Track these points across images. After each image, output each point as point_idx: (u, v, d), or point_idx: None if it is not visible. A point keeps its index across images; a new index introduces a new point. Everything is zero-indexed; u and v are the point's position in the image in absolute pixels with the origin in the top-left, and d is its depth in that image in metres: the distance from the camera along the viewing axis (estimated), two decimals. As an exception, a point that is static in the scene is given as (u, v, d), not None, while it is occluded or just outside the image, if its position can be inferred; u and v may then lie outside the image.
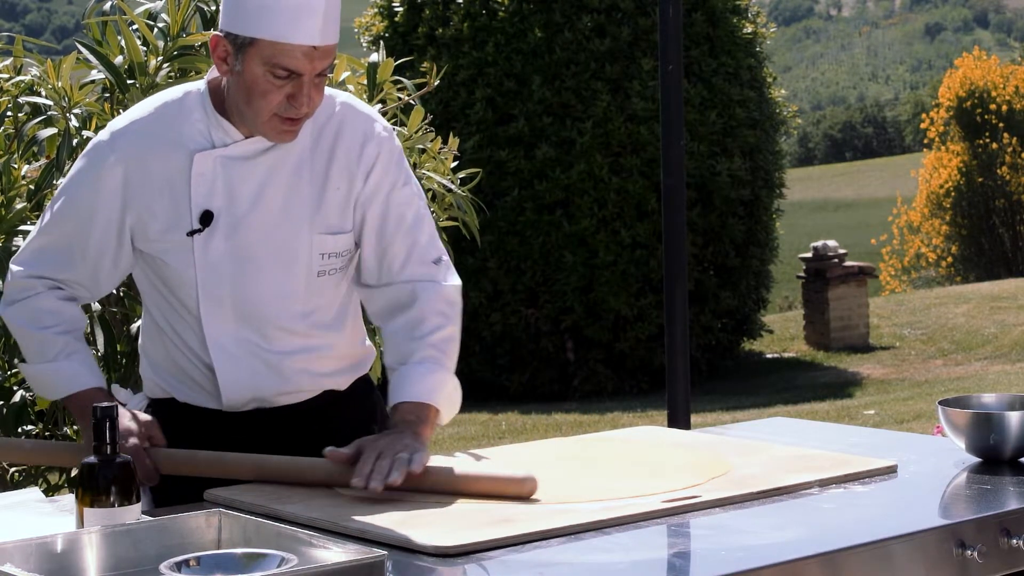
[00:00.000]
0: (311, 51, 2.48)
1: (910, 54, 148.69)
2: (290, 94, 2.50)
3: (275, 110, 2.51)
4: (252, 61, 2.49)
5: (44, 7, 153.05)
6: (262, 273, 2.63)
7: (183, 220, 2.61)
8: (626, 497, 2.36)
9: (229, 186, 2.60)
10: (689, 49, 12.46)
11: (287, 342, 2.68)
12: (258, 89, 2.50)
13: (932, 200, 20.84)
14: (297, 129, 2.56)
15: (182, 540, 2.08)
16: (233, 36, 2.51)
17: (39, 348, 2.67)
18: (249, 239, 2.62)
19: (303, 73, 2.49)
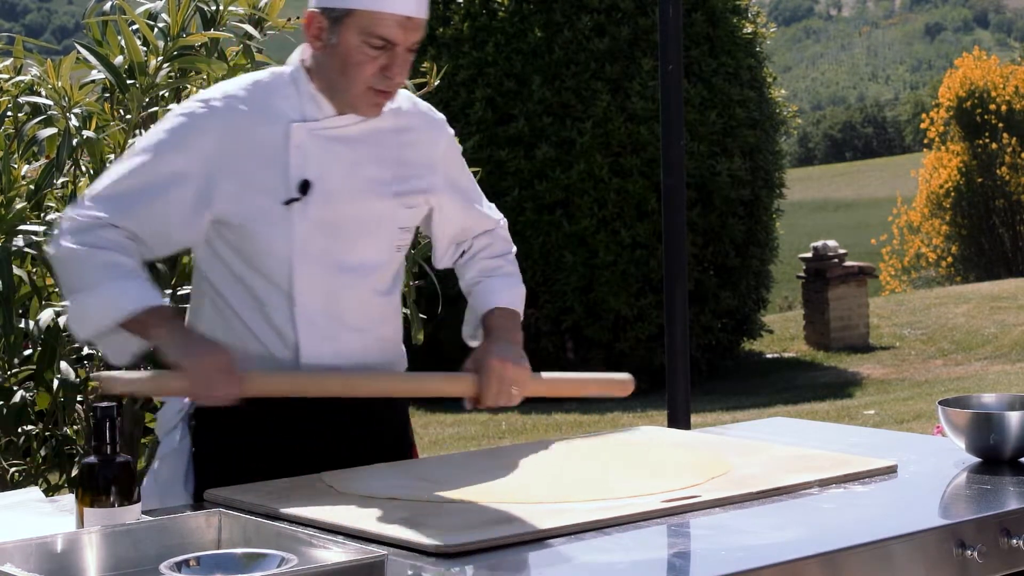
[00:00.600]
0: (405, 21, 2.59)
1: (910, 54, 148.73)
2: (384, 65, 2.60)
3: (369, 81, 2.61)
4: (348, 32, 2.58)
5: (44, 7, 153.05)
6: (352, 244, 2.72)
7: (278, 189, 2.65)
8: (626, 497, 2.36)
9: (323, 159, 2.68)
10: (689, 49, 12.47)
11: (365, 316, 2.76)
12: (353, 60, 2.59)
13: (932, 200, 20.86)
14: (384, 103, 2.67)
15: (182, 540, 2.08)
16: (329, 10, 2.60)
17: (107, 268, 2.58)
18: (341, 211, 2.69)
19: (397, 43, 2.59)
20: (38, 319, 3.39)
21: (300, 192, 2.65)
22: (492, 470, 2.60)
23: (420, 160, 2.80)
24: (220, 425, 2.72)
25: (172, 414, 2.78)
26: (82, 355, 3.59)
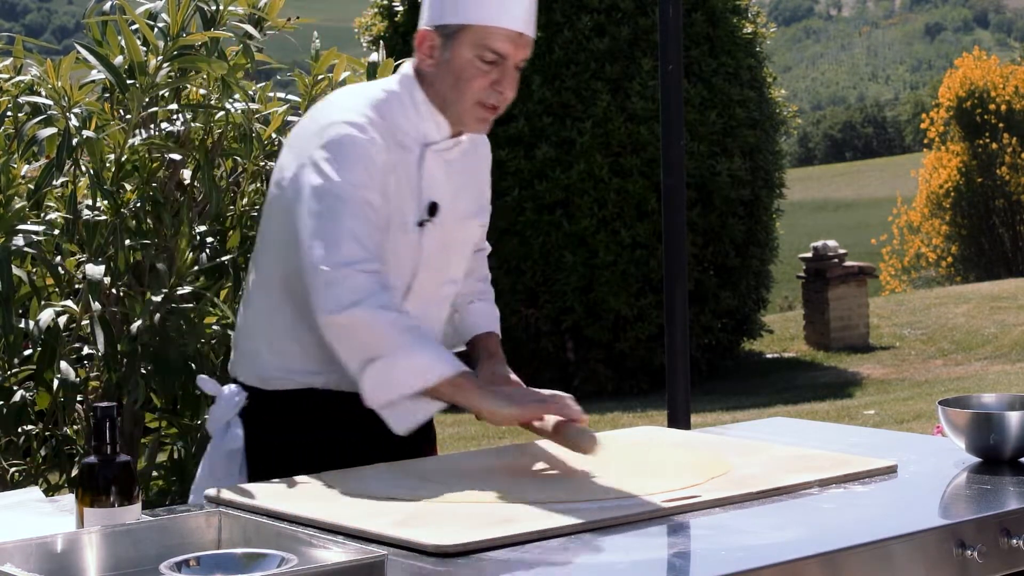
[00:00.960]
0: (516, 37, 2.73)
1: (910, 54, 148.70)
2: (494, 80, 2.73)
3: (479, 96, 2.73)
4: (462, 47, 2.72)
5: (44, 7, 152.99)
6: (451, 263, 2.89)
7: (412, 210, 2.76)
8: (626, 497, 2.36)
9: (442, 180, 2.81)
10: (689, 49, 12.47)
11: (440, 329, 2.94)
12: (466, 74, 2.72)
13: (932, 200, 20.86)
14: (491, 119, 2.79)
15: (182, 540, 2.08)
16: (443, 26, 2.74)
17: (412, 333, 2.60)
18: (450, 231, 2.84)
19: (508, 57, 2.72)
20: (38, 319, 3.39)
21: (429, 214, 2.77)
22: (492, 470, 2.60)
23: (484, 179, 2.98)
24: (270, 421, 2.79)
25: (227, 408, 2.83)
26: (82, 355, 3.59)
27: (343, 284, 2.58)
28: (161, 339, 3.46)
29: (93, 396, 3.60)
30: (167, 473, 3.74)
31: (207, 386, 2.87)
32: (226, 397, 2.84)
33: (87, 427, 3.59)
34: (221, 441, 2.82)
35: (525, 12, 2.75)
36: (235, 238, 3.78)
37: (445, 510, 2.31)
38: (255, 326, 2.84)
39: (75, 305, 3.47)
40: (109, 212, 3.47)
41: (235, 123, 3.67)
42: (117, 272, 3.46)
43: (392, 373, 2.58)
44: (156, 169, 3.63)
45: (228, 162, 3.80)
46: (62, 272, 3.53)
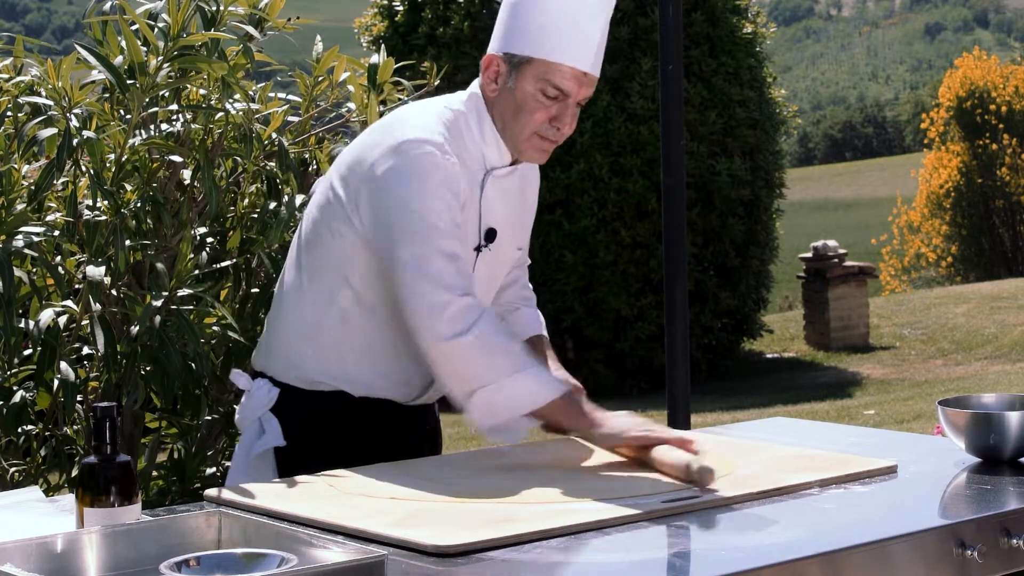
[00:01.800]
0: (581, 76, 2.73)
1: (910, 54, 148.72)
2: (554, 116, 2.74)
3: (538, 128, 2.74)
4: (526, 79, 2.73)
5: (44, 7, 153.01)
6: (493, 288, 2.93)
7: (473, 234, 2.79)
8: (626, 497, 2.36)
9: (499, 206, 2.84)
10: (689, 49, 12.46)
11: None
12: (527, 106, 2.73)
13: (932, 200, 20.85)
14: (549, 152, 2.81)
15: (182, 540, 2.08)
16: (510, 56, 2.74)
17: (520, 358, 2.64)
18: (501, 256, 2.88)
19: (570, 94, 2.73)
20: (38, 319, 3.39)
21: (487, 240, 2.81)
22: (492, 470, 2.60)
23: (532, 208, 3.01)
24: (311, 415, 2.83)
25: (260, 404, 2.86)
26: (82, 355, 3.59)
27: (446, 311, 2.60)
28: (161, 340, 3.46)
29: (93, 396, 3.59)
30: (167, 473, 3.74)
31: (240, 381, 2.91)
32: (259, 393, 2.87)
33: (87, 427, 3.59)
34: (254, 437, 2.84)
35: (593, 52, 2.75)
36: (235, 239, 3.77)
37: (445, 510, 2.31)
38: (298, 326, 2.86)
39: (75, 305, 3.47)
40: (109, 212, 3.47)
41: (235, 123, 3.67)
42: (117, 272, 3.46)
43: (498, 400, 2.61)
44: (156, 169, 3.63)
45: (228, 162, 3.79)
46: (62, 272, 3.53)
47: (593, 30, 2.75)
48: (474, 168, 2.77)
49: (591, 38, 2.74)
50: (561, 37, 2.71)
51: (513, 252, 2.95)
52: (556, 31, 2.70)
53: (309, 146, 3.88)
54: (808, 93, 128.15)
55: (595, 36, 2.75)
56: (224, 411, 3.74)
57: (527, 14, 2.73)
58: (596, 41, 2.75)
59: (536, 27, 2.71)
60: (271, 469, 2.84)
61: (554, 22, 2.71)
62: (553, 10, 2.72)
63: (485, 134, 2.78)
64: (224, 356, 3.70)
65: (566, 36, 2.71)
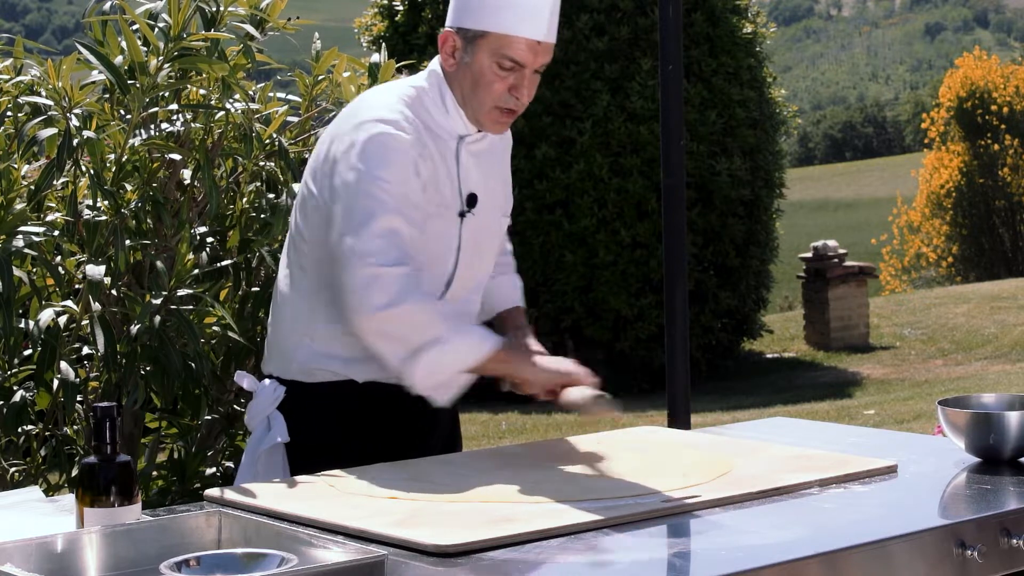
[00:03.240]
0: (535, 45, 2.77)
1: (910, 54, 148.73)
2: (512, 85, 2.78)
3: (497, 100, 2.79)
4: (481, 52, 2.77)
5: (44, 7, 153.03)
6: (485, 253, 2.97)
7: (453, 202, 2.84)
8: (626, 497, 2.36)
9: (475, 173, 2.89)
10: (689, 49, 12.46)
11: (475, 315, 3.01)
12: (484, 79, 2.78)
13: (932, 200, 20.85)
14: (510, 122, 2.86)
15: (182, 540, 2.08)
16: (464, 30, 2.79)
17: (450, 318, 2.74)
18: (485, 221, 2.93)
19: (526, 65, 2.77)
20: (38, 319, 3.39)
21: (468, 205, 2.86)
22: (492, 470, 2.60)
23: (507, 171, 3.05)
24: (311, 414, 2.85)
25: (267, 402, 2.89)
26: (82, 355, 3.59)
27: (379, 284, 2.66)
28: (161, 340, 3.46)
29: (93, 396, 3.59)
30: (167, 473, 3.74)
31: (244, 381, 2.93)
32: (265, 392, 2.89)
33: (87, 427, 3.59)
34: (263, 436, 2.86)
35: (546, 20, 2.78)
36: (235, 238, 3.78)
37: (445, 510, 2.31)
38: (295, 321, 2.89)
39: (75, 305, 3.47)
40: (109, 212, 3.47)
41: (235, 123, 3.67)
42: (117, 272, 3.46)
43: (443, 358, 2.69)
44: (156, 169, 3.63)
45: (228, 162, 3.79)
46: (62, 272, 3.53)
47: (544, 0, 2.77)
48: (445, 139, 2.83)
49: (542, 6, 2.77)
50: (513, 9, 2.74)
51: (499, 219, 3.00)
52: (507, 3, 2.74)
53: (309, 146, 3.88)
54: (808, 93, 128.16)
55: (546, 5, 2.78)
56: (224, 411, 3.74)
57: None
58: (548, 8, 2.78)
59: (488, 1, 2.75)
60: (281, 466, 2.86)
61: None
62: None
63: (448, 107, 2.83)
64: (224, 356, 3.71)
65: (518, 7, 2.74)
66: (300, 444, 2.86)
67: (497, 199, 2.98)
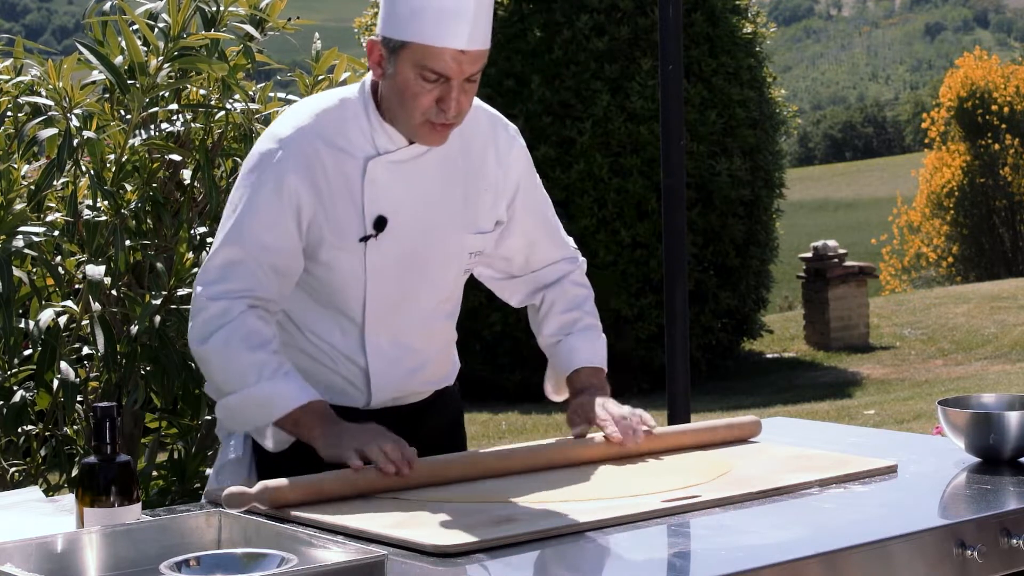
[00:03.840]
0: (459, 55, 2.55)
1: (910, 54, 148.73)
2: (439, 97, 2.58)
3: (426, 114, 2.59)
4: (404, 64, 2.57)
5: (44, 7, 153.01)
6: (424, 275, 2.73)
7: (354, 225, 2.65)
8: (626, 497, 2.36)
9: (397, 192, 2.68)
10: (689, 49, 12.46)
11: (432, 340, 2.82)
12: (409, 92, 2.58)
13: (932, 200, 20.85)
14: (447, 133, 2.65)
15: (182, 540, 2.08)
16: (388, 40, 2.59)
17: (256, 369, 2.57)
18: (414, 242, 2.70)
19: (451, 76, 2.56)
20: (38, 319, 3.39)
21: (375, 229, 2.66)
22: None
23: (490, 179, 2.81)
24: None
25: None
26: (82, 355, 3.59)
27: (198, 317, 2.59)
28: (161, 340, 3.46)
29: (93, 396, 3.59)
30: (167, 473, 3.74)
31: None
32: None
33: (87, 427, 3.59)
34: (227, 447, 2.81)
35: (469, 27, 2.55)
36: (235, 238, 3.77)
37: (445, 510, 2.31)
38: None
39: (75, 305, 3.47)
40: (109, 212, 3.47)
41: (235, 123, 3.67)
42: (117, 272, 3.46)
43: (240, 409, 2.59)
44: (156, 169, 3.63)
45: (228, 162, 3.80)
46: (62, 272, 3.53)
47: (467, 4, 2.55)
48: (355, 154, 2.65)
49: (466, 13, 2.55)
50: (434, 18, 2.53)
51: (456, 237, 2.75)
52: (427, 11, 2.54)
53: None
54: (808, 93, 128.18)
55: (470, 10, 2.55)
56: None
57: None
58: (472, 15, 2.56)
59: (407, 9, 2.55)
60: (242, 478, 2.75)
61: (426, 2, 2.54)
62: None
63: (372, 121, 2.66)
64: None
65: (439, 16, 2.53)
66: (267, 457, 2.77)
67: (441, 217, 2.72)
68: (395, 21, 2.57)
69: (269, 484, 2.32)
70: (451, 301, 2.84)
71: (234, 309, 2.58)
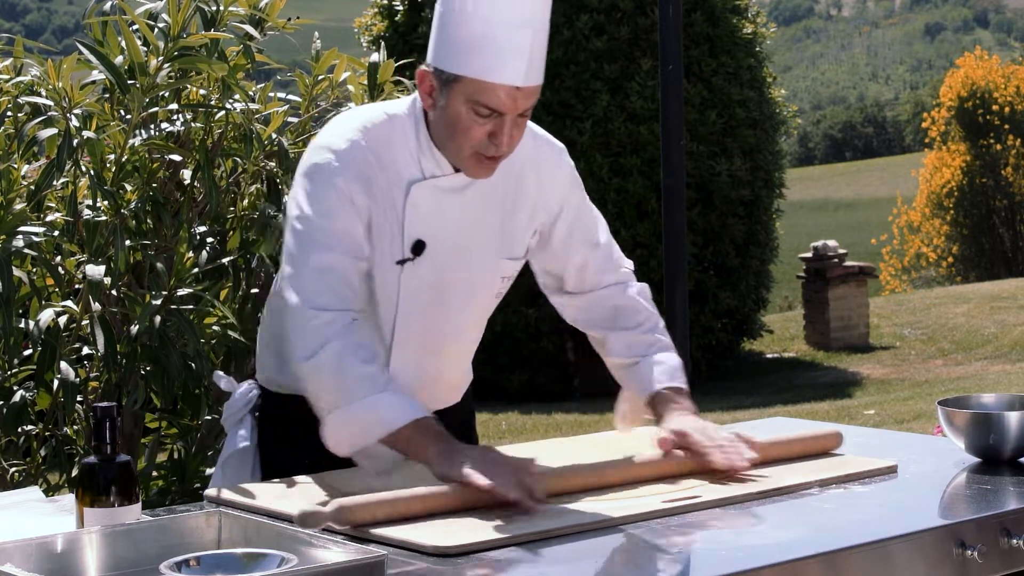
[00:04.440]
0: (514, 91, 2.50)
1: (910, 54, 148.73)
2: (491, 132, 2.54)
3: (476, 147, 2.55)
4: (456, 97, 2.52)
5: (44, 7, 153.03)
6: (456, 299, 2.70)
7: (392, 246, 2.62)
8: (627, 497, 2.36)
9: (436, 218, 2.64)
10: (689, 49, 12.46)
11: (457, 361, 2.80)
12: (460, 125, 2.53)
13: (932, 200, 20.86)
14: (495, 167, 2.61)
15: (182, 540, 2.08)
16: (439, 71, 2.54)
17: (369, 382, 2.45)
18: (449, 267, 2.66)
19: (505, 112, 2.52)
20: (38, 319, 3.39)
21: (413, 252, 2.62)
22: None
23: (528, 200, 2.75)
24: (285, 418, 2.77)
25: (240, 406, 2.83)
26: (82, 355, 3.59)
27: (307, 328, 2.48)
28: (161, 340, 3.46)
29: (93, 396, 3.59)
30: (167, 473, 3.74)
31: (222, 383, 2.90)
32: (240, 394, 2.86)
33: (87, 427, 3.59)
34: (233, 438, 2.82)
35: (525, 63, 2.50)
36: (235, 239, 3.78)
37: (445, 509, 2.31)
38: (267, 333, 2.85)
39: (75, 305, 3.47)
40: (109, 212, 3.47)
41: (235, 123, 3.67)
42: (117, 272, 3.46)
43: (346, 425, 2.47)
44: (156, 169, 3.63)
45: (228, 162, 3.80)
46: (62, 272, 3.53)
47: (523, 40, 2.49)
48: (403, 176, 2.61)
49: (522, 49, 2.49)
50: (489, 53, 2.48)
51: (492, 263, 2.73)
52: (483, 46, 2.48)
53: (309, 146, 3.88)
54: (808, 93, 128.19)
55: (526, 46, 2.49)
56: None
57: (454, 26, 2.52)
58: (528, 51, 2.50)
59: (462, 42, 2.50)
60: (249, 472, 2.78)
61: (480, 36, 2.48)
62: (479, 22, 2.49)
63: (421, 143, 2.62)
64: (224, 356, 3.71)
65: (494, 51, 2.48)
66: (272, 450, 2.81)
67: (480, 242, 2.69)
68: (448, 53, 2.53)
69: (344, 503, 2.21)
70: (480, 326, 2.82)
71: (340, 321, 2.48)
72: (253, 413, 2.85)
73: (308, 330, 2.48)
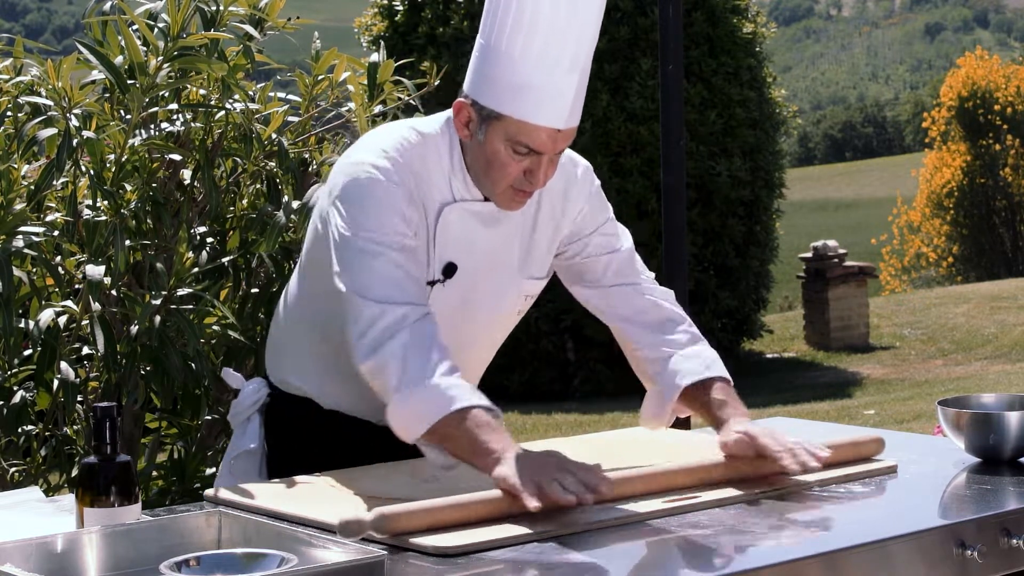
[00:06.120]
0: (555, 133, 2.51)
1: (910, 54, 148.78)
2: (528, 169, 2.55)
3: (511, 183, 2.56)
4: (495, 134, 2.53)
5: (44, 7, 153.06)
6: (480, 319, 2.73)
7: (424, 266, 2.60)
8: (627, 497, 2.35)
9: (466, 240, 2.65)
10: (689, 49, 12.46)
11: (472, 374, 2.76)
12: (498, 162, 2.54)
13: (932, 200, 20.86)
14: (526, 200, 2.62)
15: (182, 540, 2.08)
16: (479, 106, 2.54)
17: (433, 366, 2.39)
18: (474, 288, 2.68)
19: (544, 152, 2.53)
20: (38, 319, 3.39)
21: (444, 275, 2.63)
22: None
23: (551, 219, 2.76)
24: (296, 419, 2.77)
25: (247, 405, 2.83)
26: (82, 355, 3.59)
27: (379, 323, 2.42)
28: (161, 340, 3.46)
29: (93, 396, 3.59)
30: (167, 473, 3.74)
31: (231, 379, 2.89)
32: (249, 391, 2.85)
33: (87, 427, 3.59)
34: (241, 437, 2.82)
35: (568, 106, 2.50)
36: (235, 239, 3.78)
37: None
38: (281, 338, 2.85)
39: (75, 305, 3.47)
40: (109, 212, 3.47)
41: (235, 123, 3.67)
42: (117, 272, 3.46)
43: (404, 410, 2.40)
44: (156, 169, 3.63)
45: (228, 162, 3.79)
46: (62, 272, 3.53)
47: (568, 85, 2.50)
48: (435, 198, 2.60)
49: (566, 93, 2.49)
50: (534, 96, 2.48)
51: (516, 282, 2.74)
52: (528, 88, 2.47)
53: (309, 146, 3.88)
54: (808, 93, 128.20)
55: (570, 91, 2.50)
56: (224, 411, 3.74)
57: (498, 63, 2.52)
58: (572, 96, 2.50)
59: (506, 81, 2.49)
60: (256, 470, 2.79)
61: (527, 78, 2.48)
62: (526, 63, 2.48)
63: (454, 164, 2.61)
64: (224, 356, 3.71)
65: (539, 94, 2.48)
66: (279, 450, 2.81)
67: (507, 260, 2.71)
68: (490, 90, 2.52)
69: (386, 512, 2.15)
70: (498, 341, 2.86)
71: (413, 315, 2.44)
72: (261, 412, 2.85)
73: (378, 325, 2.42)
